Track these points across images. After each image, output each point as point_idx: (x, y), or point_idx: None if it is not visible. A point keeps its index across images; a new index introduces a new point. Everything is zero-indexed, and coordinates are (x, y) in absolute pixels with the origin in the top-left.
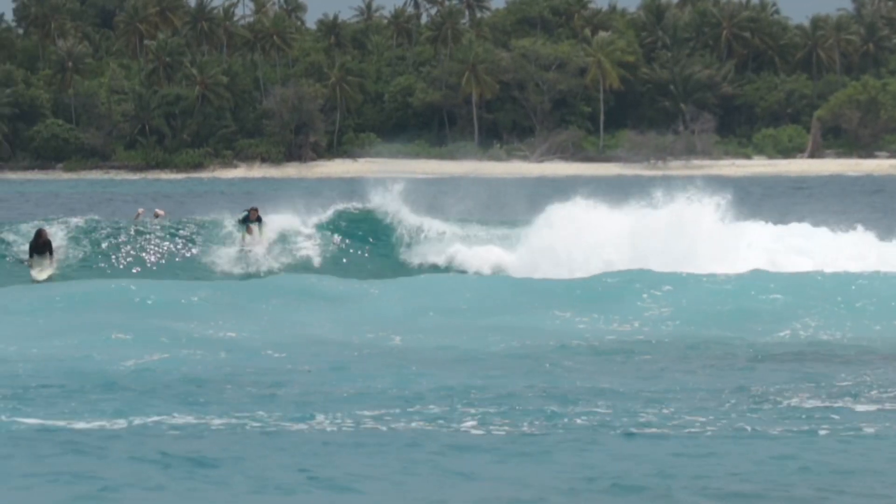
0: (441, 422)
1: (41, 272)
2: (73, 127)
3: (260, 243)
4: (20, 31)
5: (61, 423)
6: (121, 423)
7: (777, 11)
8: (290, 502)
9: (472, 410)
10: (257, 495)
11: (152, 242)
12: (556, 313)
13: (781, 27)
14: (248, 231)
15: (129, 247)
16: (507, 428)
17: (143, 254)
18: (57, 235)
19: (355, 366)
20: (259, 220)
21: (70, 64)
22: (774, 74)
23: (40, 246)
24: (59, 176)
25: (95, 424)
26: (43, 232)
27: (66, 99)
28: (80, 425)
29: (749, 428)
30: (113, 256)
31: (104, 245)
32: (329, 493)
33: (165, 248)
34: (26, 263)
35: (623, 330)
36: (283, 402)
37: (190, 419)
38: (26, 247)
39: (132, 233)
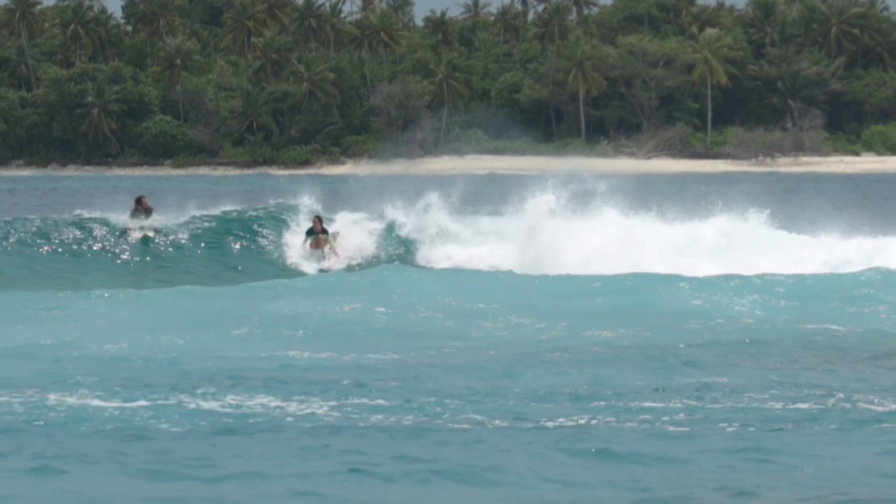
0: (591, 417)
1: (140, 233)
2: (181, 123)
3: (334, 258)
4: (129, 28)
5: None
6: (279, 413)
7: (886, 8)
8: (452, 494)
9: (623, 404)
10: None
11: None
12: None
13: (891, 24)
14: (317, 245)
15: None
16: (651, 423)
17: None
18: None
19: (498, 356)
20: (325, 231)
21: (178, 61)
22: (883, 71)
23: (141, 212)
24: (168, 172)
25: (262, 413)
26: (143, 199)
27: (174, 95)
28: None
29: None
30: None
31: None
32: (483, 487)
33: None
34: (128, 228)
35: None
36: (427, 395)
37: (336, 411)
38: (126, 216)
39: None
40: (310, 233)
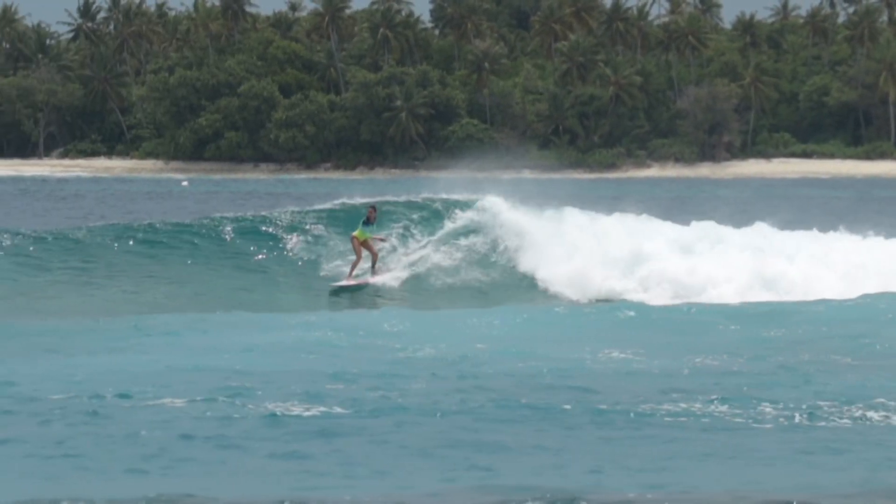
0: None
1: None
2: (487, 126)
3: (379, 273)
4: (437, 31)
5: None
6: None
7: None
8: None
9: None
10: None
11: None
12: None
13: None
14: (365, 246)
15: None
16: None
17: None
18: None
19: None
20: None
21: (486, 64)
22: None
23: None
24: (474, 175)
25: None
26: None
27: (480, 99)
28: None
29: None
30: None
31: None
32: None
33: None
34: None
35: None
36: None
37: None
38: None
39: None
40: (366, 223)
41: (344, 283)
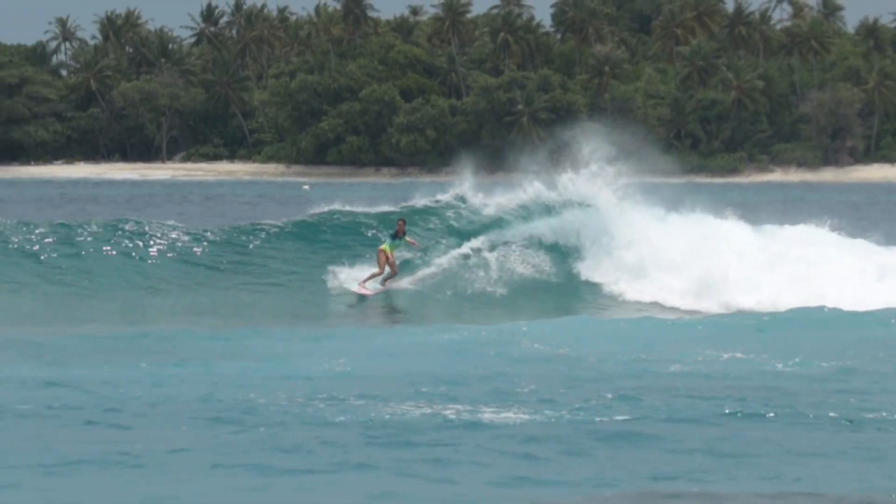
0: None
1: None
2: (609, 131)
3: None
4: (557, 36)
5: None
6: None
7: None
8: None
9: None
10: None
11: None
12: None
13: None
14: (387, 262)
15: None
16: None
17: None
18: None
19: None
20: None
21: (607, 68)
22: None
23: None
24: None
25: None
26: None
27: (602, 103)
28: None
29: None
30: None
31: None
32: None
33: None
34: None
35: None
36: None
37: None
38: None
39: None
40: (394, 237)
41: (355, 288)
